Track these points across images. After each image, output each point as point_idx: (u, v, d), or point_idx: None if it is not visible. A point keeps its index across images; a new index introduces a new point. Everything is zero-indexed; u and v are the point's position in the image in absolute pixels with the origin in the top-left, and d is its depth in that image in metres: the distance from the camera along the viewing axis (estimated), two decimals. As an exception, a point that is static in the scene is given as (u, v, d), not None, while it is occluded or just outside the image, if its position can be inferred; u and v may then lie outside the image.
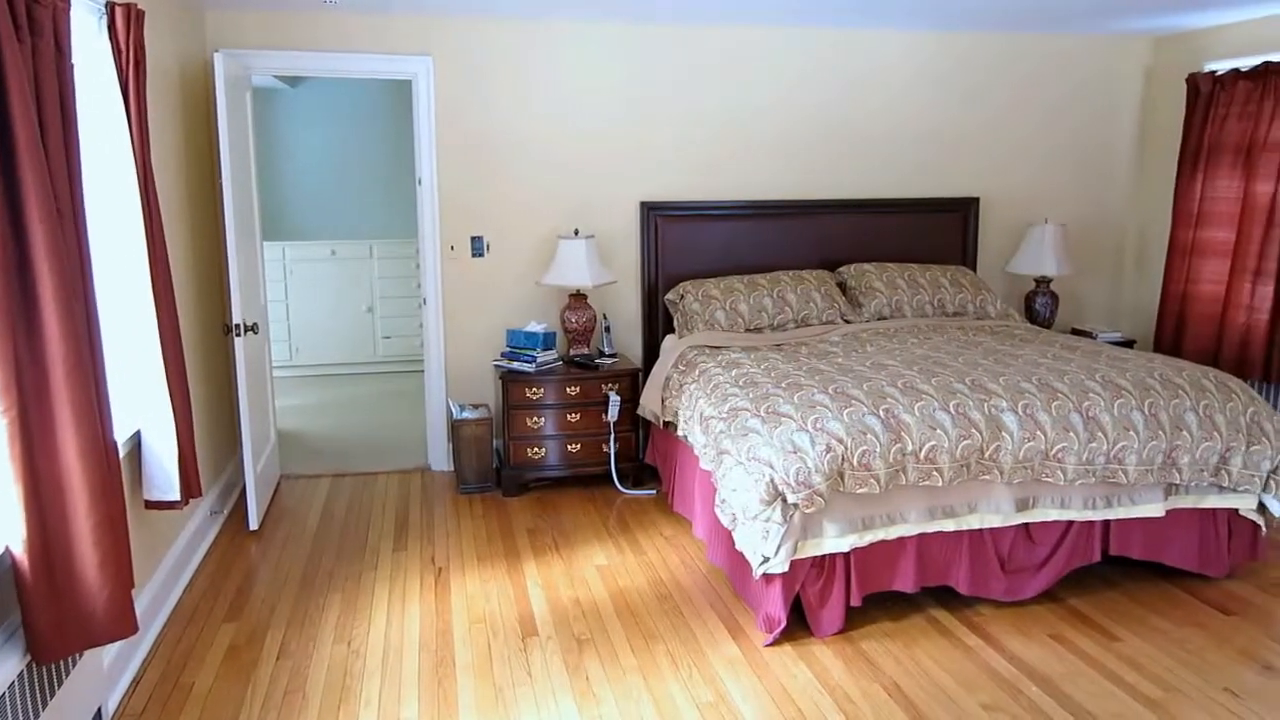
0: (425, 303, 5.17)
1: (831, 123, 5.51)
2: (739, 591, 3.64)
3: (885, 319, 5.03)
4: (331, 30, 4.84)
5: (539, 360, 4.83)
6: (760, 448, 3.26)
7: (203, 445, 4.18)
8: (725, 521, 3.39)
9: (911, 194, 5.69)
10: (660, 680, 3.11)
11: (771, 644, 3.32)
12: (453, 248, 5.13)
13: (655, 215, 5.27)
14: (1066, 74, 5.80)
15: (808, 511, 3.20)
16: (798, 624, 3.40)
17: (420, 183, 5.06)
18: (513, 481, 4.89)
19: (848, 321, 4.98)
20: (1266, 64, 4.94)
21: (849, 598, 3.39)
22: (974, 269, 5.73)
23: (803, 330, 4.82)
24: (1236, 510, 3.74)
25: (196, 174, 4.51)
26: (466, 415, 4.95)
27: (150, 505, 3.35)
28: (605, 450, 4.93)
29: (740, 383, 3.83)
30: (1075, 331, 5.75)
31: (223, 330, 4.84)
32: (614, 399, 4.82)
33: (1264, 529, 3.80)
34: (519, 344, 4.90)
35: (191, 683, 3.11)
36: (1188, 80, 5.41)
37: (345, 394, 7.19)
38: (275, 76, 6.77)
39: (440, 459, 5.33)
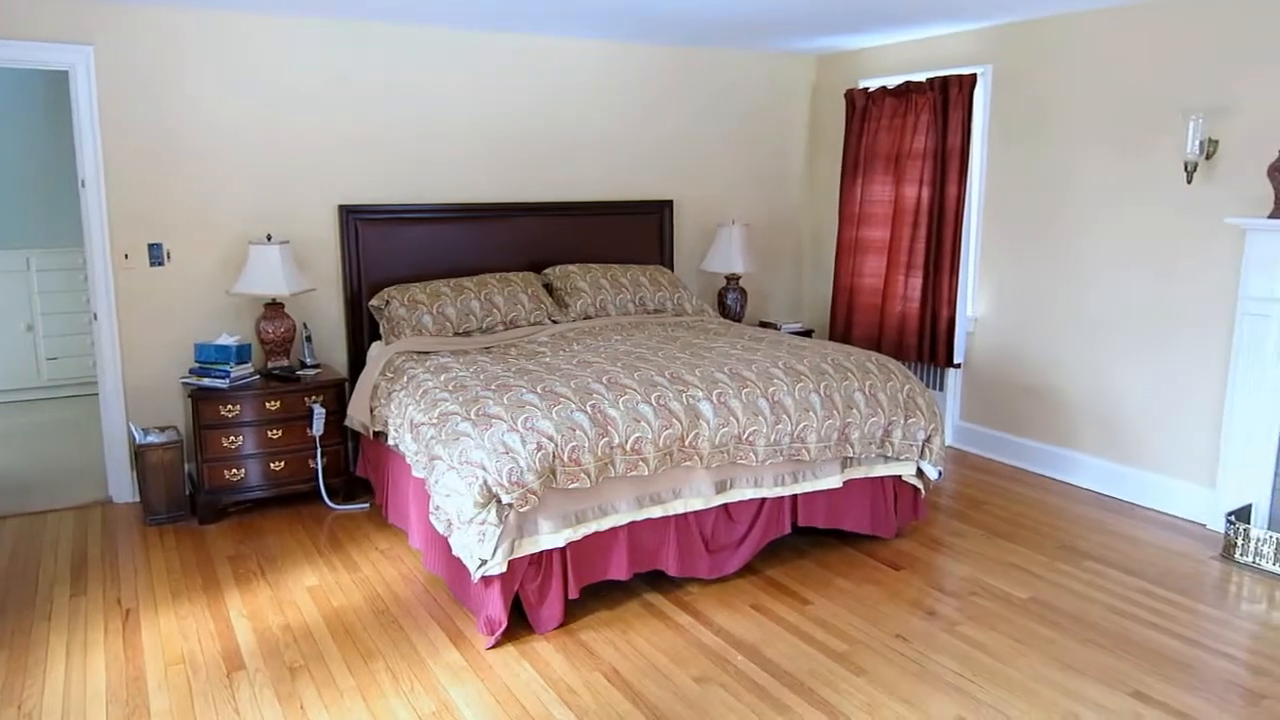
0: (96, 318, 4.68)
1: (533, 126, 5.60)
2: (458, 597, 3.62)
3: (591, 318, 5.19)
4: (-38, 12, 4.26)
5: (233, 375, 4.53)
6: (472, 451, 3.27)
7: None
8: (441, 528, 3.36)
9: (611, 196, 5.91)
10: (381, 698, 3.02)
11: (493, 646, 3.33)
12: (126, 256, 4.68)
13: (354, 219, 5.10)
14: (745, 87, 6.27)
15: (522, 510, 3.25)
16: (519, 623, 3.44)
17: (84, 185, 4.57)
18: (209, 507, 4.55)
19: (555, 322, 5.09)
20: (908, 83, 5.60)
21: (567, 591, 3.47)
22: (671, 268, 6.05)
23: (511, 332, 4.86)
24: (900, 477, 4.23)
25: None
26: (152, 439, 4.54)
27: None
28: (312, 466, 4.71)
29: (450, 387, 3.80)
30: (762, 324, 6.24)
31: None
32: (318, 411, 4.62)
33: (923, 491, 4.33)
34: (209, 358, 4.57)
35: None
36: (846, 95, 6.03)
37: (2, 425, 6.34)
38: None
39: (123, 490, 4.84)
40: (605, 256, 5.81)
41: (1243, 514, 4.13)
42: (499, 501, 3.21)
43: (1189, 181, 4.33)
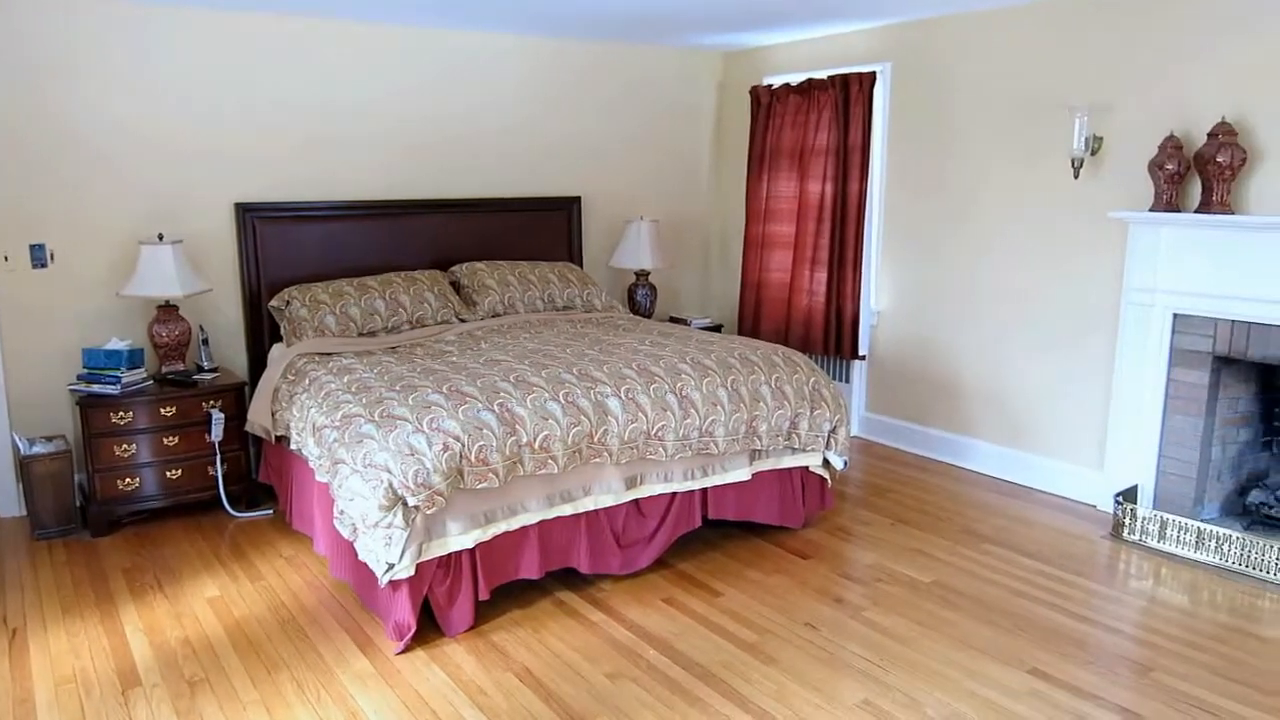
0: (-26, 324, 4.45)
1: (438, 122, 5.52)
2: (366, 603, 3.55)
3: (499, 316, 5.14)
4: None
5: (125, 381, 4.35)
6: (376, 453, 3.20)
7: None
8: (346, 533, 3.29)
9: (518, 193, 5.86)
10: (286, 710, 2.94)
11: (403, 651, 3.28)
12: (6, 258, 4.46)
13: (252, 217, 4.95)
14: (653, 82, 6.29)
15: (429, 512, 3.20)
16: (429, 626, 3.39)
17: (-43, 184, 4.34)
18: (102, 519, 4.36)
19: (463, 320, 5.02)
20: (810, 80, 5.70)
21: (477, 592, 3.43)
22: (580, 264, 6.04)
23: (418, 331, 4.79)
24: (807, 468, 4.30)
25: None
26: (38, 450, 4.34)
27: None
28: (211, 473, 4.56)
29: (353, 388, 3.72)
30: (673, 319, 6.27)
31: None
32: (217, 416, 4.47)
33: (830, 482, 4.41)
34: (99, 364, 4.38)
35: None
36: (750, 92, 6.10)
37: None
38: None
39: (8, 503, 4.61)
40: (513, 254, 5.77)
41: (1130, 495, 4.32)
42: (405, 504, 3.15)
43: (1076, 177, 4.50)
